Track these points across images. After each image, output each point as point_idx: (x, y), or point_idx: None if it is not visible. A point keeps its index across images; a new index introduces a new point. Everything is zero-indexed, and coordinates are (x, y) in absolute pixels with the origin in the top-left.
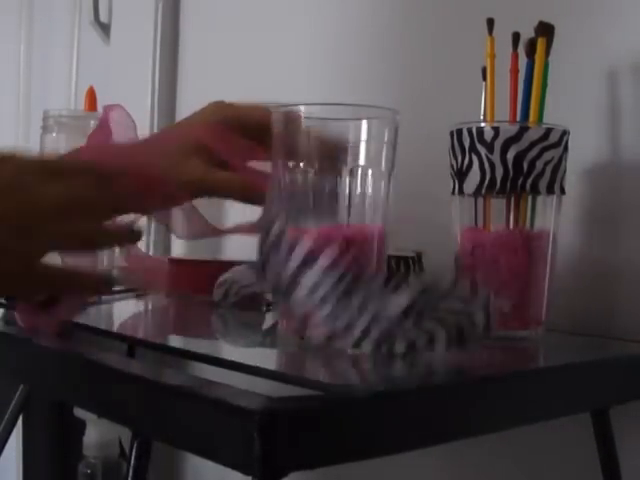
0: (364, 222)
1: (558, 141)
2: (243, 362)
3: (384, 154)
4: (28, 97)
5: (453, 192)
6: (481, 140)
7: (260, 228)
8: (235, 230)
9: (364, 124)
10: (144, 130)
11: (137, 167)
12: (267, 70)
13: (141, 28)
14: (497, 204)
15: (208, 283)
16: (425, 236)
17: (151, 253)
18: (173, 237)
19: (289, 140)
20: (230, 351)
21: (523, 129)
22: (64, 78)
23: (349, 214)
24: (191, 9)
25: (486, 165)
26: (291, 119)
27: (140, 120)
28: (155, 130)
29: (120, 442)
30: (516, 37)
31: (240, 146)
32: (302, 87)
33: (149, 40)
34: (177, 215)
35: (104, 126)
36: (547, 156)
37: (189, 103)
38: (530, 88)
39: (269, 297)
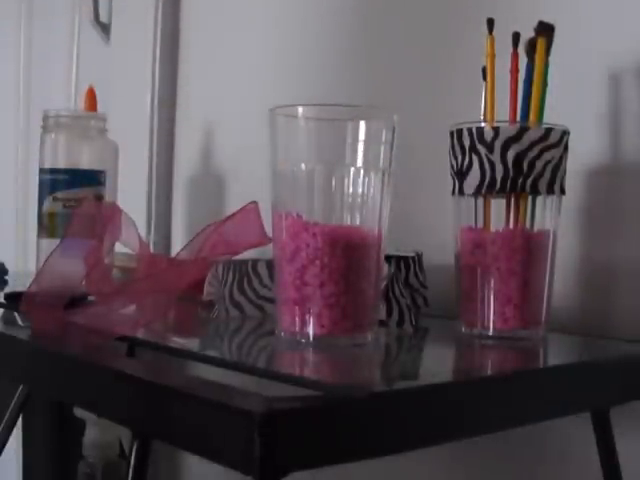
0: (361, 222)
1: (558, 141)
2: (243, 362)
3: (382, 154)
4: (28, 97)
5: (453, 192)
6: (481, 140)
7: None
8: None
9: (362, 125)
10: (144, 131)
11: None
12: (267, 69)
13: (141, 28)
14: (497, 204)
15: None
16: (425, 236)
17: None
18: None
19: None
20: (230, 351)
21: (523, 129)
22: (64, 78)
23: (347, 214)
24: (191, 9)
25: (486, 165)
26: None
27: (140, 120)
28: (154, 130)
29: (120, 442)
30: (516, 37)
31: None
32: (302, 87)
33: (149, 40)
34: None
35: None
36: (547, 156)
37: (189, 103)
38: (530, 88)
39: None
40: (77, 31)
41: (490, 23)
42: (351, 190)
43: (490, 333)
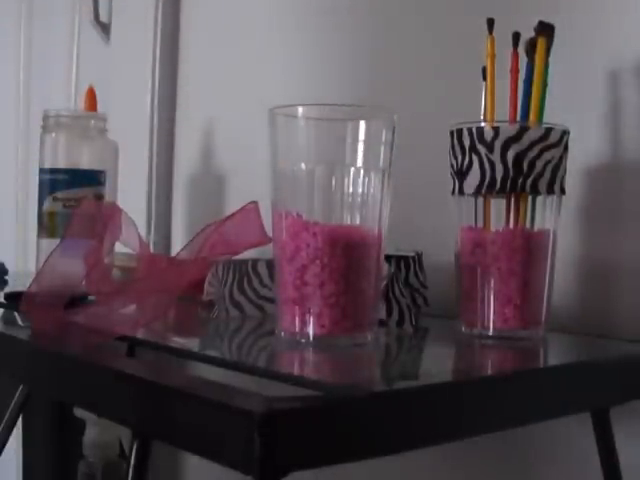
0: (362, 222)
1: (558, 141)
2: (243, 362)
3: (382, 154)
4: (28, 97)
5: (453, 192)
6: (481, 140)
7: None
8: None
9: (362, 125)
10: (144, 131)
11: None
12: (267, 69)
13: (141, 28)
14: (497, 204)
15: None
16: (425, 236)
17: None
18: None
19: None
20: (230, 351)
21: (523, 129)
22: (64, 78)
23: (347, 214)
24: (191, 9)
25: (486, 165)
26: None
27: (140, 120)
28: (154, 130)
29: (120, 442)
30: (516, 37)
31: None
32: (302, 87)
33: (149, 40)
34: None
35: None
36: (547, 156)
37: (189, 103)
38: (530, 88)
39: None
40: (77, 31)
41: (490, 23)
42: (351, 190)
43: (490, 333)
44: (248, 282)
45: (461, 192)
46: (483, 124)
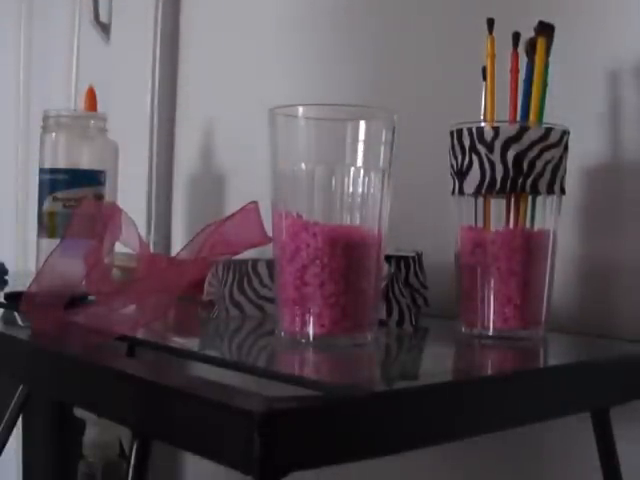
0: (362, 222)
1: (558, 141)
2: (243, 362)
3: (382, 154)
4: (28, 97)
5: (453, 192)
6: (481, 140)
7: None
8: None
9: (362, 125)
10: (144, 131)
11: None
12: (267, 69)
13: (141, 28)
14: (497, 204)
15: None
16: (425, 236)
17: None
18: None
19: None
20: (230, 351)
21: (523, 129)
22: (64, 78)
23: (347, 214)
24: (191, 9)
25: (486, 165)
26: None
27: (140, 120)
28: (154, 130)
29: (120, 442)
30: (516, 37)
31: None
32: (302, 87)
33: (149, 40)
34: None
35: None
36: (547, 156)
37: (189, 103)
38: (530, 88)
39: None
40: (77, 31)
41: (490, 23)
42: (351, 190)
43: (490, 333)
44: (248, 282)
45: (461, 192)
46: (483, 124)
